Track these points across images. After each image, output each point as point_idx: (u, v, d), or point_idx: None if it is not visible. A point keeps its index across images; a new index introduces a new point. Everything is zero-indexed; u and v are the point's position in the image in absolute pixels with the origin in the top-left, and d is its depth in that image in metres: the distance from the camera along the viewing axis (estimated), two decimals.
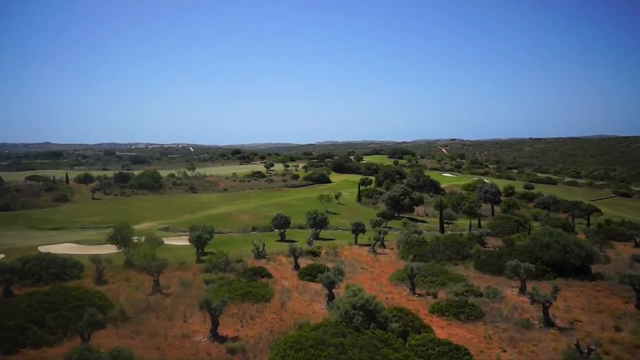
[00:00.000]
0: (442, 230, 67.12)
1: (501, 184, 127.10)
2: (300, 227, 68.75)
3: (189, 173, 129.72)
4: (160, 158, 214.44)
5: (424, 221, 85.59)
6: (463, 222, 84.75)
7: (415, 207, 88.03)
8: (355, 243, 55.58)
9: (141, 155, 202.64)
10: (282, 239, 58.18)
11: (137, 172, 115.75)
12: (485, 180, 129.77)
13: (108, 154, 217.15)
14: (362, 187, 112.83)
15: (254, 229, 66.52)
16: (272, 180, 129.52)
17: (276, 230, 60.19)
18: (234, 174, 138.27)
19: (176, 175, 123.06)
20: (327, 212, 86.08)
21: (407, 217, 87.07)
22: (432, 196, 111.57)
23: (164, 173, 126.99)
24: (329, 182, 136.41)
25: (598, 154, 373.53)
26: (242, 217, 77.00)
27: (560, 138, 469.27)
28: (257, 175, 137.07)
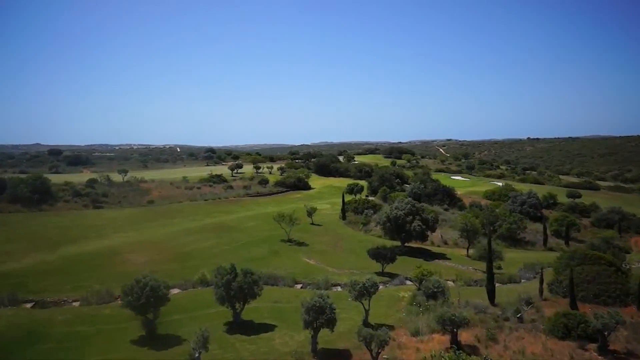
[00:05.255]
0: (492, 295, 34.89)
1: (529, 189, 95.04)
2: None
3: (120, 177, 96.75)
4: (113, 158, 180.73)
5: (443, 255, 53.62)
6: (513, 256, 52.91)
7: (430, 233, 55.90)
8: (314, 355, 23.42)
9: (84, 156, 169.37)
10: (150, 337, 25.81)
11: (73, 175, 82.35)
12: (513, 187, 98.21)
13: (53, 153, 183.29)
14: (349, 197, 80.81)
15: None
16: (231, 187, 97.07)
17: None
18: (184, 177, 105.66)
19: (99, 180, 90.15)
20: (288, 241, 54.07)
21: (417, 248, 55.03)
22: (446, 209, 79.63)
23: (83, 177, 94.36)
24: (308, 188, 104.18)
25: (607, 154, 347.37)
26: (134, 257, 44.47)
27: (559, 138, 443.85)
28: (215, 179, 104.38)
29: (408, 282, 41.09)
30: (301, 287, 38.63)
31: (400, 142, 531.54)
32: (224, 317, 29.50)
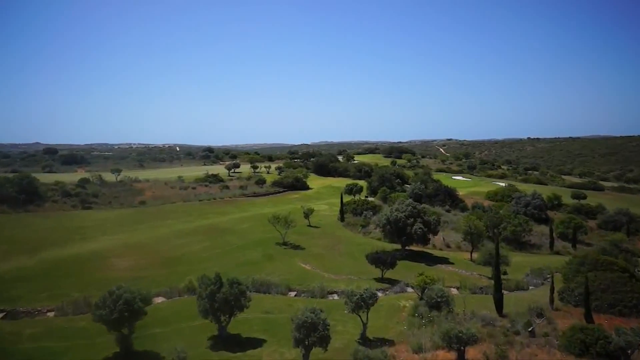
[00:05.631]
0: (500, 305, 32.48)
1: (533, 190, 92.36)
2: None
3: (113, 177, 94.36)
4: (108, 157, 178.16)
5: (445, 259, 51.20)
6: (518, 260, 50.36)
7: (431, 236, 53.44)
8: None
9: (79, 154, 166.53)
10: (125, 354, 23.39)
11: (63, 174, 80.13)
12: (516, 187, 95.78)
13: (48, 152, 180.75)
14: (347, 198, 78.36)
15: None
16: (227, 187, 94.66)
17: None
18: (179, 177, 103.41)
19: (91, 179, 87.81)
20: (284, 244, 51.68)
21: (418, 252, 52.65)
22: (448, 210, 77.26)
23: (74, 177, 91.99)
24: (306, 188, 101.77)
25: (607, 154, 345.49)
26: (119, 262, 42.07)
27: (560, 138, 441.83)
28: (211, 179, 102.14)
29: (409, 289, 38.68)
30: (295, 295, 36.21)
31: (400, 142, 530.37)
32: (209, 331, 27.12)
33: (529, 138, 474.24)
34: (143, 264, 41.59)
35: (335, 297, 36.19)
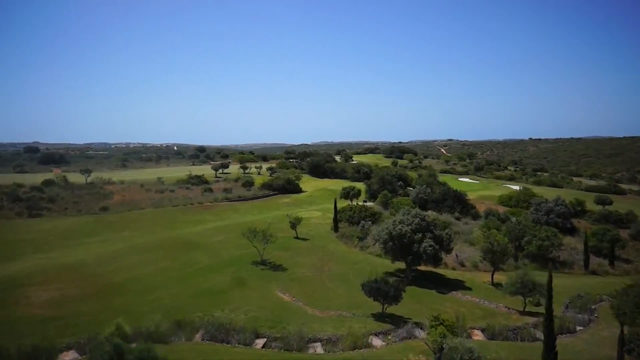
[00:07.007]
0: None
1: (552, 195, 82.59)
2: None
3: (82, 178, 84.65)
4: (92, 157, 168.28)
5: (461, 283, 41.30)
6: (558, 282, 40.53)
7: (445, 254, 43.56)
8: None
9: (57, 154, 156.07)
10: None
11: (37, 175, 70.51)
12: (532, 191, 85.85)
13: (29, 151, 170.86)
14: (344, 203, 68.49)
15: None
16: (210, 190, 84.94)
17: None
18: (158, 178, 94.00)
19: (56, 180, 78.17)
20: (262, 263, 41.84)
21: (428, 273, 42.78)
22: (458, 218, 67.34)
23: (38, 178, 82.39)
24: (298, 191, 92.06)
25: (613, 155, 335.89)
26: (39, 292, 32.25)
27: (562, 138, 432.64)
28: (194, 181, 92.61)
29: (419, 333, 28.86)
30: (263, 346, 26.29)
31: (400, 142, 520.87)
32: None
33: (530, 138, 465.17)
34: (70, 295, 31.77)
35: (318, 348, 26.33)
